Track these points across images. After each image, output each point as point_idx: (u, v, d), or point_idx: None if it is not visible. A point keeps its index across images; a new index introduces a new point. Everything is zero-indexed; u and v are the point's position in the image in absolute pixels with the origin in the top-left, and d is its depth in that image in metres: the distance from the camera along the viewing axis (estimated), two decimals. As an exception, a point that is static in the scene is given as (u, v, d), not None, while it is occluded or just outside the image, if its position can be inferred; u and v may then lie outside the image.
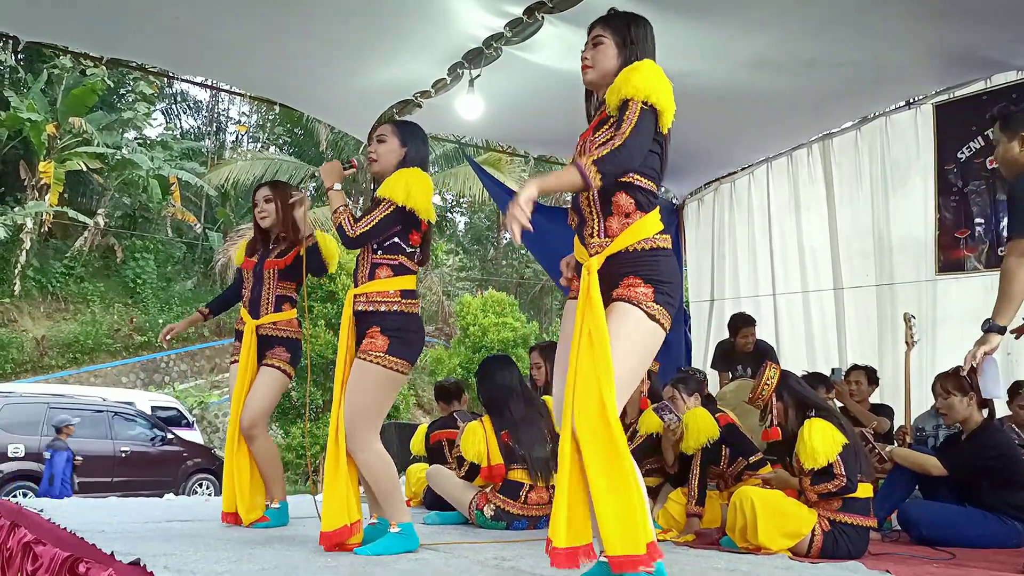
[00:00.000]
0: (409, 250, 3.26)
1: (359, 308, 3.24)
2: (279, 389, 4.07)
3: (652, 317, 2.35)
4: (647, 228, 2.42)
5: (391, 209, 3.17)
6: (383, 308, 3.19)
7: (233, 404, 4.06)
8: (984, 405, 4.25)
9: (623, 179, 2.40)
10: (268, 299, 4.11)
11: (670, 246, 2.47)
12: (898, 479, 4.36)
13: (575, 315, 2.43)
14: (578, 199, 2.50)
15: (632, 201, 2.42)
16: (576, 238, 2.56)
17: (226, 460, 4.10)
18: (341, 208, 3.22)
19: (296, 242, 4.12)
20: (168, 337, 4.46)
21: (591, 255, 2.43)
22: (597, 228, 2.45)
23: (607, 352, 2.25)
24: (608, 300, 2.37)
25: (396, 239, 3.23)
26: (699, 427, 4.18)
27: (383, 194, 3.19)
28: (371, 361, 3.14)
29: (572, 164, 2.31)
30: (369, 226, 3.16)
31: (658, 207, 2.49)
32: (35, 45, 5.81)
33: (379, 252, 3.23)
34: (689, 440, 4.19)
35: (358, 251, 3.34)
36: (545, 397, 4.65)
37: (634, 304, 2.35)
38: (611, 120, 2.44)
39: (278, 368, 4.04)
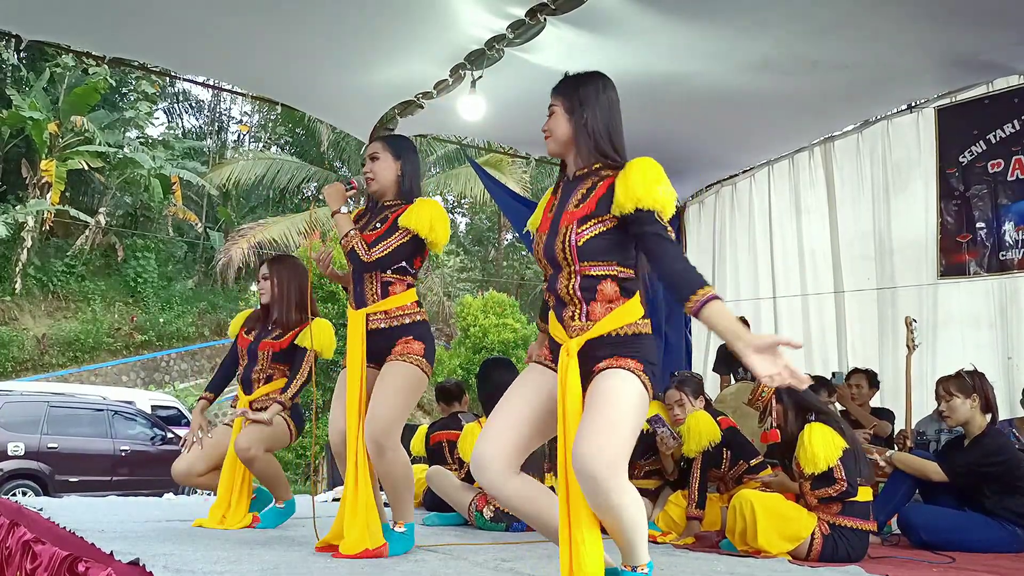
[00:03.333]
0: (412, 271, 3.33)
1: (377, 326, 3.24)
2: (278, 433, 4.06)
3: (643, 383, 2.28)
4: (632, 313, 2.36)
5: (408, 238, 3.22)
6: (408, 320, 3.25)
7: (230, 456, 4.06)
8: (988, 409, 4.24)
9: (606, 271, 2.36)
10: (260, 376, 4.17)
11: (651, 331, 2.40)
12: (898, 483, 4.35)
13: (540, 379, 2.46)
14: (556, 283, 2.43)
15: (617, 289, 2.37)
16: (552, 315, 2.49)
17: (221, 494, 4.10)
18: (352, 232, 3.25)
19: (290, 326, 4.17)
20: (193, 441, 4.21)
21: (571, 336, 2.37)
22: (578, 312, 2.39)
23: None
24: (590, 377, 2.31)
25: (404, 263, 3.28)
26: (700, 430, 4.18)
27: (406, 224, 3.21)
28: (411, 363, 3.19)
29: (707, 302, 2.14)
30: (385, 253, 3.21)
31: (639, 292, 2.42)
32: (37, 44, 5.81)
33: (388, 272, 3.26)
34: (691, 443, 4.19)
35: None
36: None
37: (623, 369, 2.27)
38: (597, 218, 2.37)
39: (282, 418, 4.07)
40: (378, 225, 3.29)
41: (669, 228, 2.32)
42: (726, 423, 4.36)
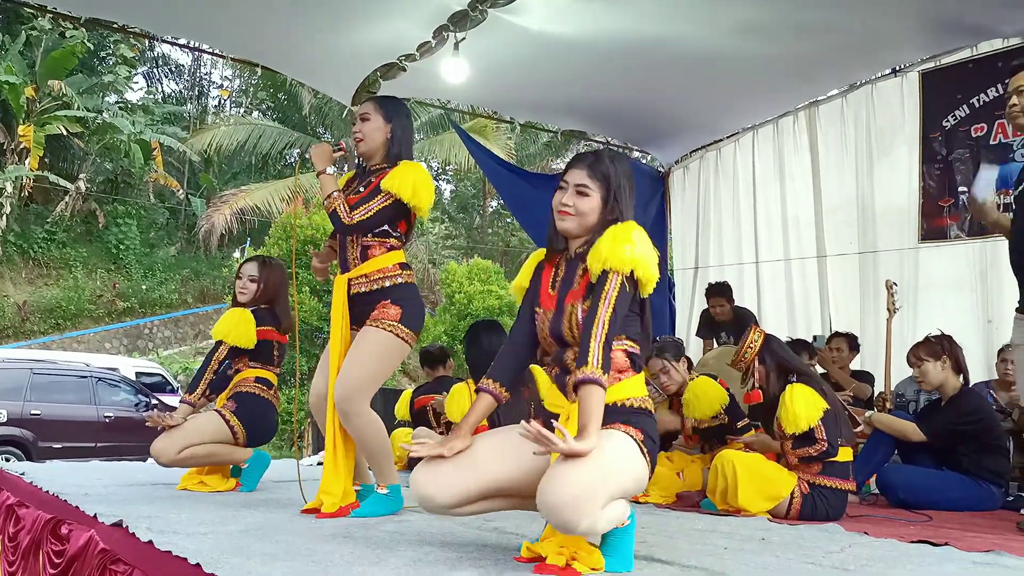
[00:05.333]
0: (396, 234, 3.27)
1: (359, 290, 3.22)
2: (215, 433, 3.98)
3: (641, 451, 2.21)
4: (638, 389, 2.30)
5: (390, 202, 3.17)
6: (388, 284, 3.20)
7: None
8: (959, 370, 4.30)
9: (616, 345, 2.29)
10: (229, 372, 4.17)
11: (652, 412, 2.34)
12: (877, 444, 4.41)
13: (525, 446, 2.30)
14: (563, 358, 2.36)
15: (628, 361, 2.32)
16: (550, 383, 2.42)
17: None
18: (335, 194, 3.20)
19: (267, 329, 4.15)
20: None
21: (573, 402, 2.26)
22: None
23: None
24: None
25: (386, 226, 3.23)
26: (710, 396, 4.26)
27: (388, 188, 3.16)
28: (384, 328, 3.13)
29: (582, 383, 2.13)
30: (366, 216, 3.16)
31: (643, 371, 2.37)
32: (13, 4, 5.70)
33: (368, 235, 3.23)
34: (703, 409, 4.26)
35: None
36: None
37: (619, 431, 2.20)
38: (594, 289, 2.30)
39: (221, 415, 4.03)
40: (361, 189, 3.25)
41: (613, 291, 2.21)
42: (723, 385, 4.40)
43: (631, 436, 2.20)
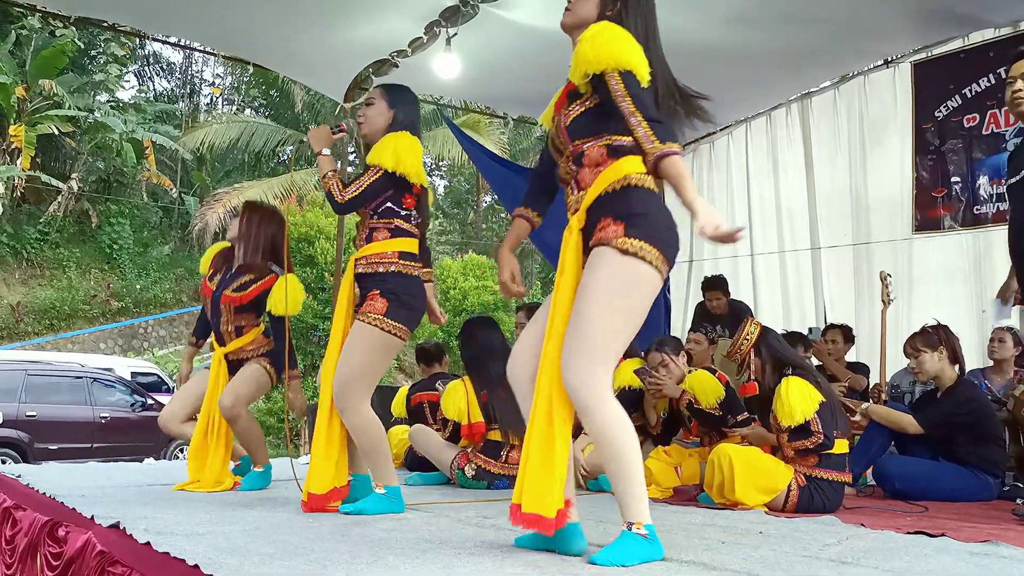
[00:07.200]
0: (404, 213, 3.24)
1: (359, 271, 3.24)
2: (261, 382, 4.07)
3: (626, 252, 2.17)
4: (620, 170, 2.26)
5: (379, 175, 3.16)
6: (381, 269, 3.18)
7: (205, 404, 4.09)
8: (956, 360, 4.30)
9: (597, 142, 2.30)
10: (229, 329, 4.13)
11: (652, 186, 2.29)
12: (874, 435, 4.42)
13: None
14: (567, 166, 2.41)
15: (603, 151, 2.30)
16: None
17: (194, 444, 4.09)
18: (330, 173, 3.21)
19: (253, 270, 4.11)
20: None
21: (573, 213, 2.33)
22: (574, 186, 2.37)
23: (572, 317, 2.21)
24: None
25: (389, 203, 3.21)
26: (706, 389, 4.27)
27: (372, 160, 3.17)
28: (368, 323, 3.13)
29: (656, 161, 2.19)
30: (358, 192, 3.16)
31: (640, 156, 2.28)
32: (2, 3, 5.67)
33: (375, 217, 3.23)
34: (700, 400, 4.27)
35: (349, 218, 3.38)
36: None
37: (604, 244, 2.20)
38: (582, 97, 2.34)
39: (261, 366, 4.08)
40: (361, 172, 3.28)
41: (621, 85, 2.21)
42: (722, 379, 4.41)
43: (621, 250, 2.18)
